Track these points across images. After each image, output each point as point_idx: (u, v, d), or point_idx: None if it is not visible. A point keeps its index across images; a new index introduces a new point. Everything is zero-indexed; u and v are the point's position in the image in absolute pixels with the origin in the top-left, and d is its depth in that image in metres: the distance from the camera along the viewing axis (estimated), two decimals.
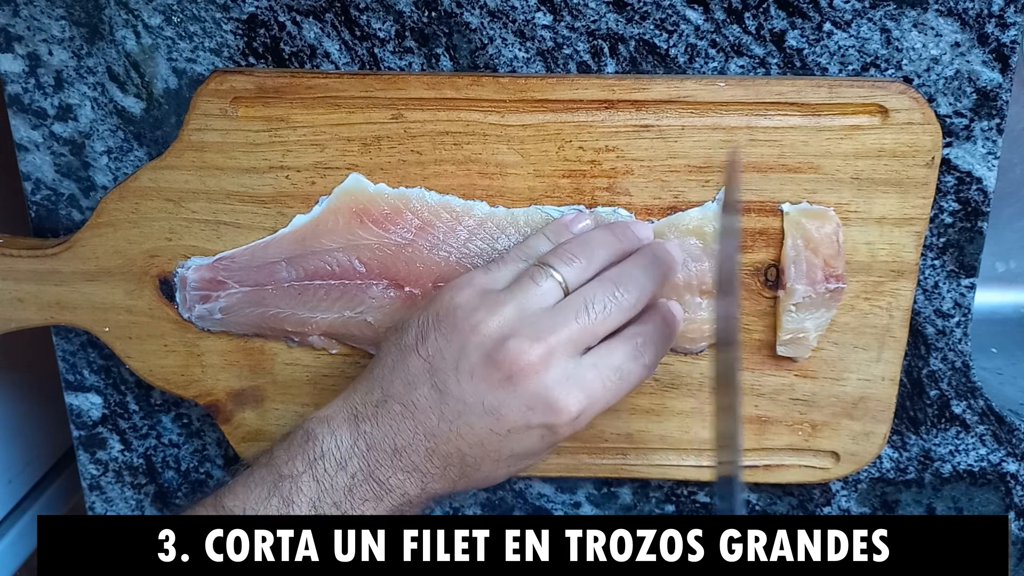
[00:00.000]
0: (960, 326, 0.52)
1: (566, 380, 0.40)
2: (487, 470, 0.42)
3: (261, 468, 0.41)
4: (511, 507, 0.58)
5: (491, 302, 0.41)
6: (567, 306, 0.41)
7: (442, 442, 0.41)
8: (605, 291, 0.42)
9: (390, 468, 0.41)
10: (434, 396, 0.41)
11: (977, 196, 0.49)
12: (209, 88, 0.47)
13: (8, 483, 0.62)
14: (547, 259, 0.43)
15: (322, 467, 0.40)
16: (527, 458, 0.42)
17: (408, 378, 0.41)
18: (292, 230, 0.49)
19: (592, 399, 0.41)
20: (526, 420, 0.40)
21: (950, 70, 0.47)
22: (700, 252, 0.48)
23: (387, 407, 0.41)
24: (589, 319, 0.41)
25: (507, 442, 0.41)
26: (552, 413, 0.40)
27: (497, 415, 0.40)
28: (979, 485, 0.55)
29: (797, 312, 0.48)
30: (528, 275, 0.42)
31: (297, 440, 0.41)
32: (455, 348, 0.41)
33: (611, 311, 0.41)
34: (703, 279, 0.48)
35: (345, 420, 0.41)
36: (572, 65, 0.48)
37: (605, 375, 0.41)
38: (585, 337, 0.41)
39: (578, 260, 0.43)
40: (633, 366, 0.42)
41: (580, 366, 0.41)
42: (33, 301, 0.50)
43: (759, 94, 0.46)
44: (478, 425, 0.40)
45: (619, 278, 0.43)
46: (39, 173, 0.51)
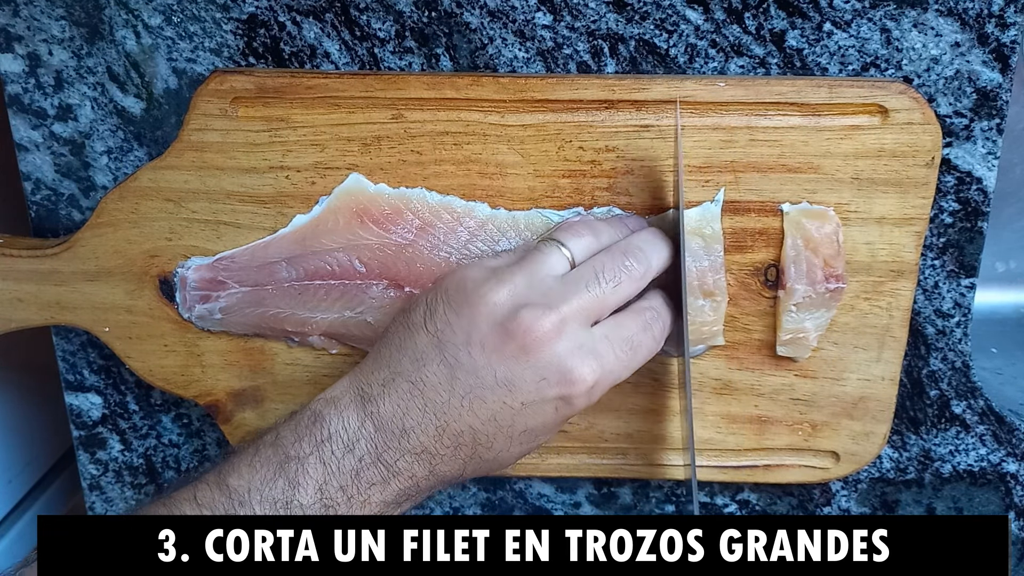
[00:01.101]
0: (960, 326, 0.52)
1: (579, 349, 0.40)
2: (499, 447, 0.41)
3: (267, 448, 0.41)
4: (511, 507, 0.58)
5: (501, 274, 0.41)
6: (578, 276, 0.41)
7: (453, 419, 0.40)
8: (615, 260, 0.42)
9: (398, 450, 0.40)
10: (444, 372, 0.40)
11: (977, 196, 0.49)
12: (209, 88, 0.47)
13: (8, 483, 0.62)
14: (555, 234, 0.43)
15: (329, 449, 0.40)
16: (541, 434, 0.42)
17: (416, 355, 0.41)
18: (292, 230, 0.49)
19: (606, 369, 0.41)
20: (540, 391, 0.40)
21: (950, 70, 0.47)
22: (701, 252, 0.48)
23: (395, 386, 0.40)
24: (600, 288, 0.41)
25: (521, 416, 0.40)
26: (567, 383, 0.40)
27: (511, 387, 0.39)
28: (979, 485, 0.55)
29: (797, 312, 0.48)
30: (536, 248, 0.43)
31: (304, 421, 0.41)
32: (465, 321, 0.40)
33: (621, 280, 0.42)
34: (704, 279, 0.48)
35: (352, 401, 0.41)
36: (572, 65, 0.48)
37: (617, 346, 0.41)
38: (596, 306, 0.41)
39: (585, 235, 0.43)
40: (644, 338, 0.42)
41: (592, 336, 0.41)
42: (33, 301, 0.50)
43: (759, 94, 0.46)
44: (491, 399, 0.40)
45: (627, 248, 0.43)
46: (39, 173, 0.51)
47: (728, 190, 0.47)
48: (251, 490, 0.40)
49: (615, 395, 0.51)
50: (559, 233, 0.44)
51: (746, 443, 0.52)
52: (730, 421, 0.52)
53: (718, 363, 0.50)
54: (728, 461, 0.53)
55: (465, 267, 0.43)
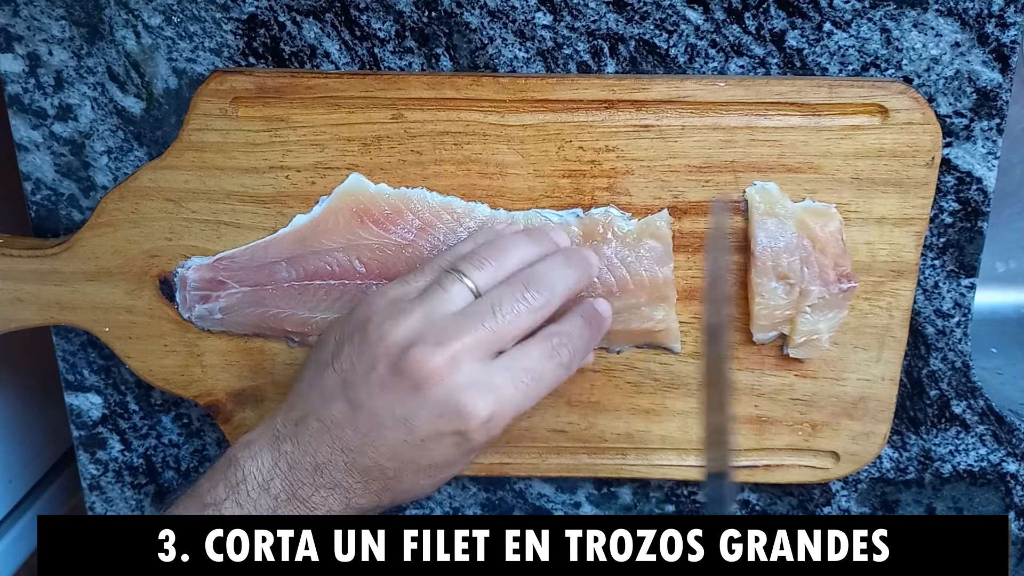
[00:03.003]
0: (960, 326, 0.52)
1: (473, 384, 0.40)
2: (409, 481, 0.41)
3: (186, 499, 0.41)
4: (511, 507, 0.58)
5: (398, 311, 0.41)
6: (473, 311, 0.41)
7: (359, 456, 0.40)
8: (513, 293, 0.41)
9: (312, 486, 0.41)
10: (347, 410, 0.40)
11: (977, 196, 0.49)
12: (209, 88, 0.47)
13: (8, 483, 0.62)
14: (458, 265, 0.43)
15: (244, 491, 0.40)
16: (447, 467, 0.42)
17: (324, 393, 0.41)
18: (292, 230, 0.49)
19: (502, 401, 0.40)
20: (437, 428, 0.40)
21: (950, 70, 0.47)
22: (777, 232, 0.47)
23: (306, 424, 0.41)
24: (497, 322, 0.40)
25: (423, 452, 0.40)
26: (460, 419, 0.39)
27: (408, 425, 0.40)
28: (979, 485, 0.55)
29: (812, 314, 0.48)
30: (437, 282, 0.42)
31: (219, 467, 0.42)
32: (366, 360, 0.40)
33: (520, 312, 0.41)
34: (778, 260, 0.47)
35: (267, 442, 0.41)
36: (572, 65, 0.48)
37: (517, 377, 0.40)
38: (494, 340, 0.40)
39: (489, 264, 0.42)
40: (548, 365, 0.41)
41: (489, 370, 0.40)
42: (33, 301, 0.50)
43: (759, 94, 0.46)
44: (391, 437, 0.40)
45: (528, 279, 0.42)
46: (39, 173, 0.51)
47: (729, 190, 0.47)
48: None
49: (615, 395, 0.51)
50: (463, 263, 0.43)
51: (746, 443, 0.52)
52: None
53: None
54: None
55: (369, 300, 0.42)
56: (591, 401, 0.52)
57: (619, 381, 0.51)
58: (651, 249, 0.47)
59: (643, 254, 0.47)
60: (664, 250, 0.47)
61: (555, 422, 0.52)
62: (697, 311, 0.49)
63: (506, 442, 0.53)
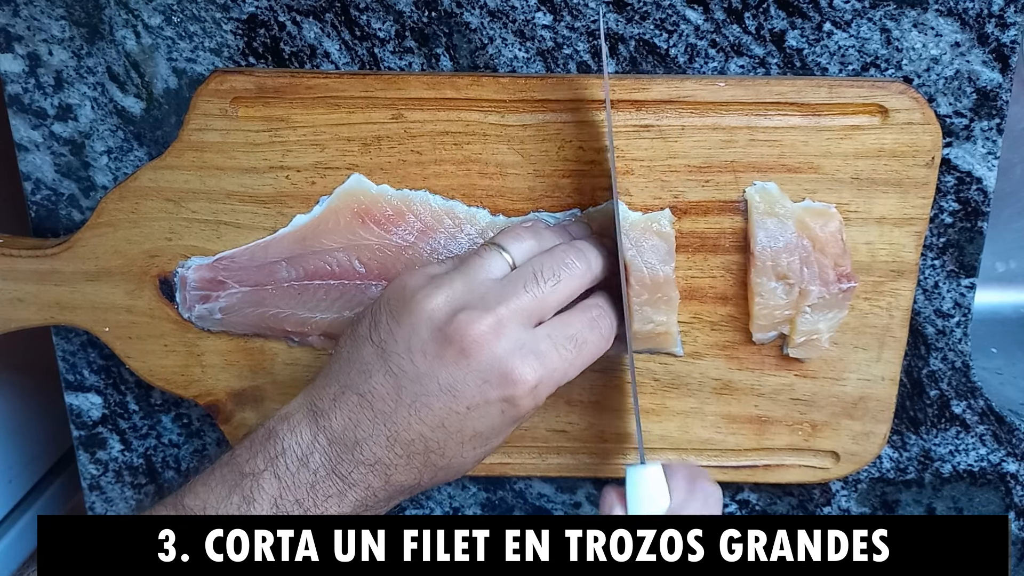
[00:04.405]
0: (960, 326, 0.52)
1: (519, 349, 0.40)
2: (452, 453, 0.41)
3: (223, 467, 0.41)
4: (511, 507, 0.58)
5: (439, 280, 0.41)
6: (517, 276, 0.41)
7: (402, 428, 0.40)
8: (555, 259, 0.42)
9: (352, 462, 0.40)
10: (389, 382, 0.40)
11: (977, 196, 0.49)
12: (209, 88, 0.47)
13: (8, 483, 0.63)
14: (496, 239, 0.44)
15: (283, 464, 0.40)
16: (492, 437, 0.42)
17: (363, 367, 0.41)
18: (292, 230, 0.49)
19: (548, 368, 0.40)
20: (483, 394, 0.40)
21: (950, 70, 0.47)
22: (776, 231, 0.47)
23: (344, 399, 0.41)
24: (539, 288, 0.41)
25: (468, 420, 0.40)
26: (508, 384, 0.39)
27: (454, 392, 0.39)
28: (979, 485, 0.55)
29: (812, 313, 0.48)
30: (476, 253, 0.43)
31: (259, 438, 0.41)
32: (406, 329, 0.40)
33: (561, 278, 0.41)
34: (777, 260, 0.47)
35: (305, 416, 0.41)
36: (572, 65, 0.48)
37: (560, 344, 0.41)
38: (536, 306, 0.41)
39: (526, 239, 0.43)
40: (590, 335, 0.42)
41: (534, 336, 0.40)
42: (33, 301, 0.50)
43: (759, 94, 0.46)
44: (436, 405, 0.40)
45: (568, 250, 0.43)
46: (39, 173, 0.51)
47: (728, 190, 0.47)
48: (206, 508, 0.40)
49: (615, 395, 0.51)
50: (500, 237, 0.44)
51: (746, 443, 0.52)
52: (730, 421, 0.52)
53: (718, 363, 0.50)
54: (728, 461, 0.53)
55: (405, 275, 0.42)
56: (591, 401, 0.52)
57: (619, 381, 0.51)
58: (654, 246, 0.47)
59: (645, 249, 0.47)
60: (667, 248, 0.47)
61: (555, 422, 0.52)
62: (697, 311, 0.49)
63: (506, 442, 0.53)
